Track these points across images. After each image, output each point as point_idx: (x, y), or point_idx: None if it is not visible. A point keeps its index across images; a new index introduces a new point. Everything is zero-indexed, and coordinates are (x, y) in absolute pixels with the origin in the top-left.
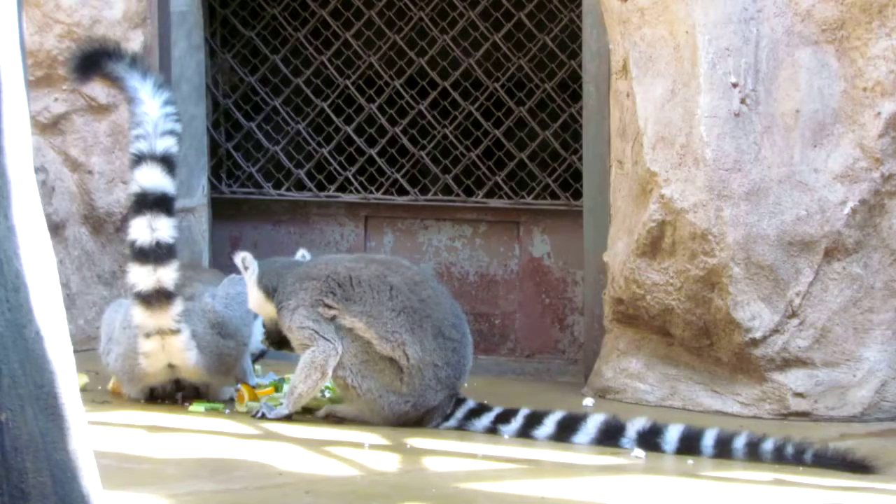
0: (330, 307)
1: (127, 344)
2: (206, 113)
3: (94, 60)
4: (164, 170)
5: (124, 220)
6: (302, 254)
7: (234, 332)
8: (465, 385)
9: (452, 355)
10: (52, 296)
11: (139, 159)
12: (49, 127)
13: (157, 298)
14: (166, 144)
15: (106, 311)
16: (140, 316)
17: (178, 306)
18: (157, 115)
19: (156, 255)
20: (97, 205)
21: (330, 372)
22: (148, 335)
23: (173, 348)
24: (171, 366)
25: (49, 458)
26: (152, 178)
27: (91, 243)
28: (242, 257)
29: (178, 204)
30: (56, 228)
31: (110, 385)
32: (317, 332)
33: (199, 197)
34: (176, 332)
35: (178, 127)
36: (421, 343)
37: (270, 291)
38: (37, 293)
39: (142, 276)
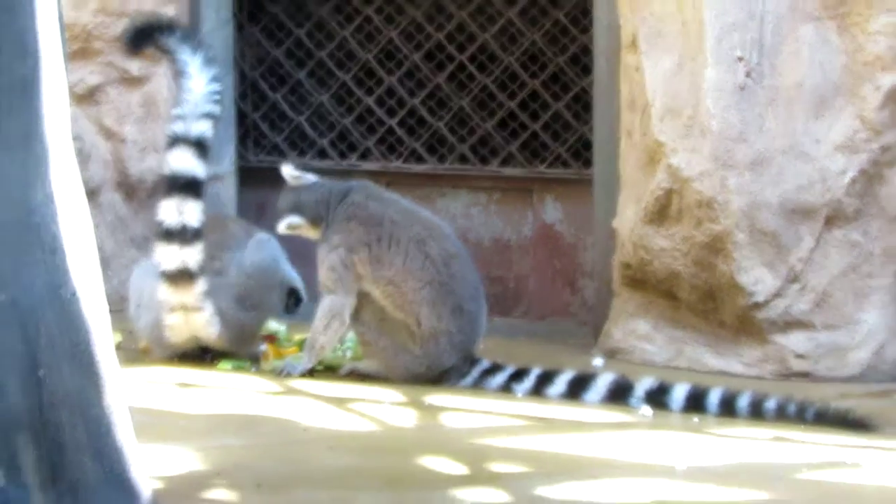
0: (358, 272)
1: (155, 314)
2: (234, 84)
3: (147, 33)
4: (197, 153)
5: (155, 188)
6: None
7: (258, 303)
8: (481, 346)
9: (468, 324)
10: (88, 258)
11: (174, 141)
12: (84, 98)
13: (181, 277)
14: (202, 129)
15: (133, 273)
16: (165, 292)
17: (200, 286)
18: (201, 91)
19: (181, 237)
20: (130, 172)
21: (348, 319)
22: (172, 310)
23: (196, 324)
24: (195, 337)
25: (84, 413)
26: (184, 162)
27: (124, 209)
28: (294, 175)
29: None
30: (91, 194)
31: (141, 345)
32: (341, 280)
33: (227, 165)
34: (199, 309)
35: (216, 109)
36: (438, 315)
37: (318, 221)
38: (73, 256)
39: (167, 256)
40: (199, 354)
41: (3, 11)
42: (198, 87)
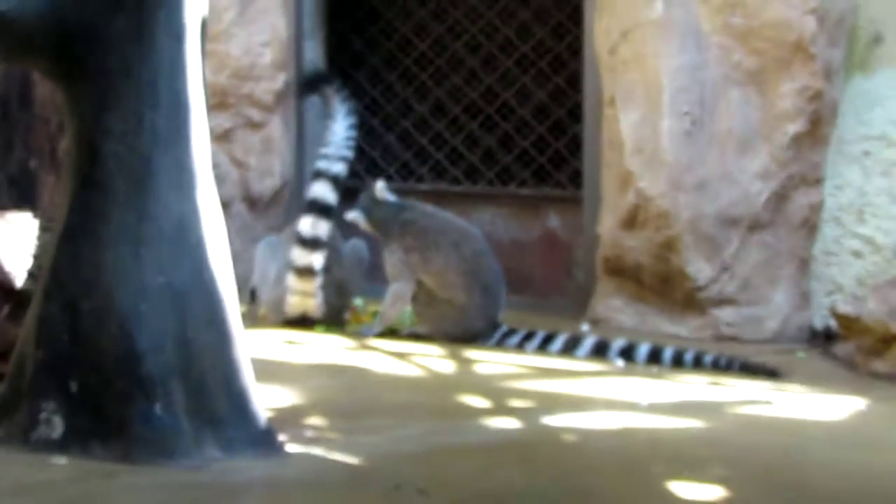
0: (413, 267)
1: (277, 293)
2: None
3: (316, 82)
4: (332, 187)
5: (272, 202)
6: (381, 186)
7: (347, 291)
8: (502, 316)
9: (492, 300)
10: (222, 252)
11: (318, 174)
12: (221, 137)
13: (306, 273)
14: (339, 169)
15: (259, 246)
16: (293, 281)
17: (318, 280)
18: (342, 135)
19: (312, 245)
20: (252, 190)
21: (409, 301)
22: (294, 293)
23: (309, 305)
24: (304, 312)
25: (219, 361)
26: (322, 192)
27: (248, 217)
28: (351, 217)
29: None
30: (225, 206)
31: (261, 313)
32: (402, 272)
33: None
34: (313, 296)
35: (351, 154)
36: (470, 294)
37: (378, 227)
38: (212, 250)
39: (300, 256)
40: (302, 321)
41: (163, 76)
42: (339, 132)
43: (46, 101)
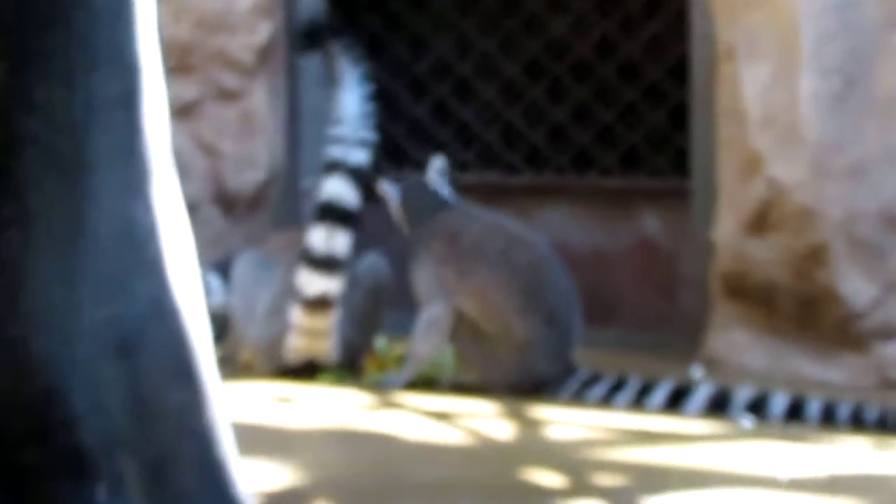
0: (449, 285)
1: (273, 330)
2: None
3: (317, 34)
4: (354, 184)
5: (255, 202)
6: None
7: (371, 324)
8: (578, 356)
9: (561, 333)
10: (190, 273)
11: (333, 166)
12: (182, 113)
13: (319, 305)
14: (360, 158)
15: (237, 265)
16: (299, 316)
17: (335, 315)
18: (355, 111)
19: (327, 266)
20: (228, 187)
21: (448, 331)
22: (301, 333)
23: (319, 349)
24: (311, 357)
25: (188, 426)
26: (341, 192)
27: (222, 223)
28: (383, 188)
29: (305, 185)
30: (188, 209)
31: (244, 357)
32: (435, 290)
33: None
34: (327, 336)
35: (371, 136)
36: (529, 325)
37: (411, 220)
38: (175, 270)
39: (309, 282)
40: (303, 368)
41: (101, 26)
42: (351, 105)
43: None
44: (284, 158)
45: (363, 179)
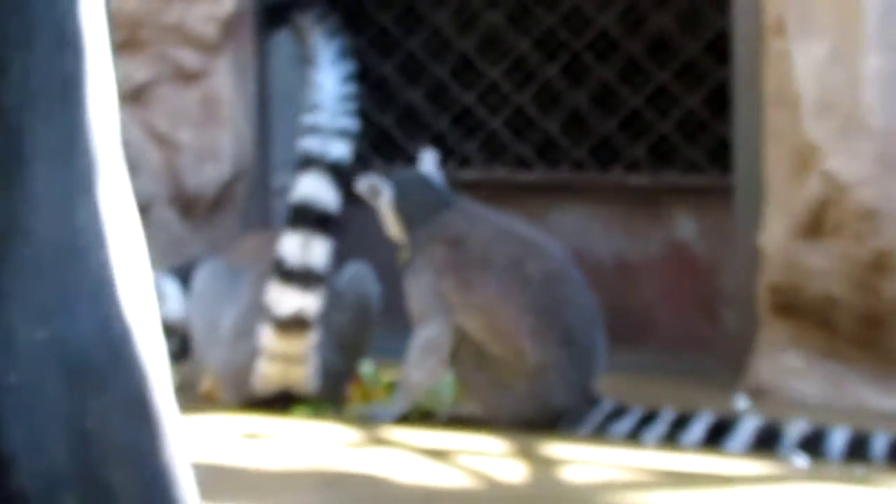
0: (449, 300)
1: (241, 355)
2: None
3: (284, 8)
4: (333, 181)
5: (218, 202)
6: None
7: (357, 346)
8: (601, 384)
9: (581, 357)
10: (143, 287)
11: (308, 162)
12: (132, 97)
13: (294, 326)
14: (340, 151)
15: (198, 277)
16: (270, 338)
17: (313, 337)
18: (333, 93)
19: (303, 280)
20: (186, 185)
21: (447, 354)
22: (272, 359)
23: (295, 377)
24: (285, 387)
25: (141, 466)
26: (318, 191)
27: (179, 228)
28: (370, 184)
29: (278, 181)
30: (141, 211)
31: (205, 386)
32: (433, 307)
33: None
34: (304, 362)
35: (352, 125)
36: (544, 347)
37: (408, 224)
38: (126, 284)
39: (282, 299)
40: (275, 399)
41: None
42: (328, 87)
43: None
44: (253, 151)
45: (344, 176)
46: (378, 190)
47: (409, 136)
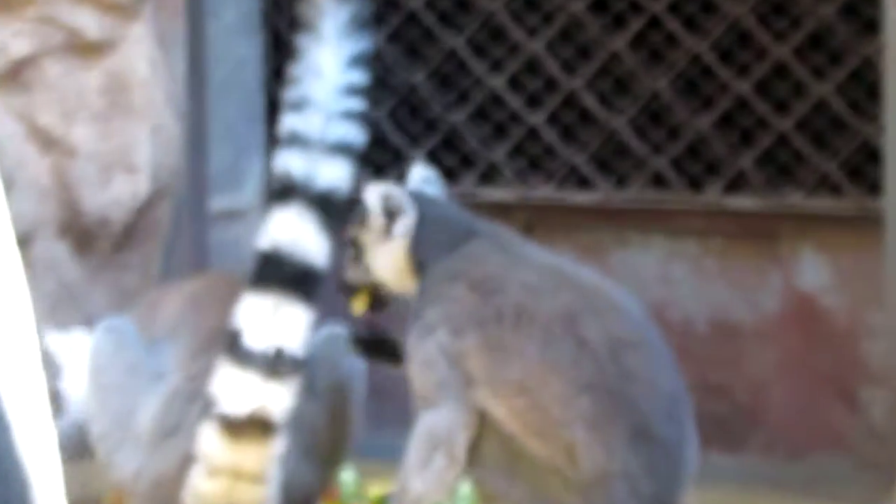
0: (469, 371)
1: (164, 462)
2: (263, 53)
3: None
4: (322, 223)
5: (129, 233)
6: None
7: (334, 452)
8: (691, 500)
9: (662, 461)
10: (23, 355)
11: (286, 191)
12: (4, 77)
13: (250, 430)
14: (334, 176)
15: (96, 347)
16: (213, 445)
17: (278, 446)
18: (333, 84)
19: (269, 365)
20: (84, 206)
21: (463, 453)
22: (214, 473)
23: (246, 498)
24: None
25: None
26: (299, 235)
27: (72, 268)
28: (388, 196)
29: (220, 203)
30: (18, 244)
31: (109, 500)
32: (445, 384)
33: (250, 191)
34: (261, 480)
35: (358, 137)
36: (606, 445)
37: (422, 261)
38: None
39: (236, 390)
40: None
41: None
42: (329, 70)
43: None
44: (183, 157)
45: (337, 212)
46: (400, 207)
47: (411, 142)
